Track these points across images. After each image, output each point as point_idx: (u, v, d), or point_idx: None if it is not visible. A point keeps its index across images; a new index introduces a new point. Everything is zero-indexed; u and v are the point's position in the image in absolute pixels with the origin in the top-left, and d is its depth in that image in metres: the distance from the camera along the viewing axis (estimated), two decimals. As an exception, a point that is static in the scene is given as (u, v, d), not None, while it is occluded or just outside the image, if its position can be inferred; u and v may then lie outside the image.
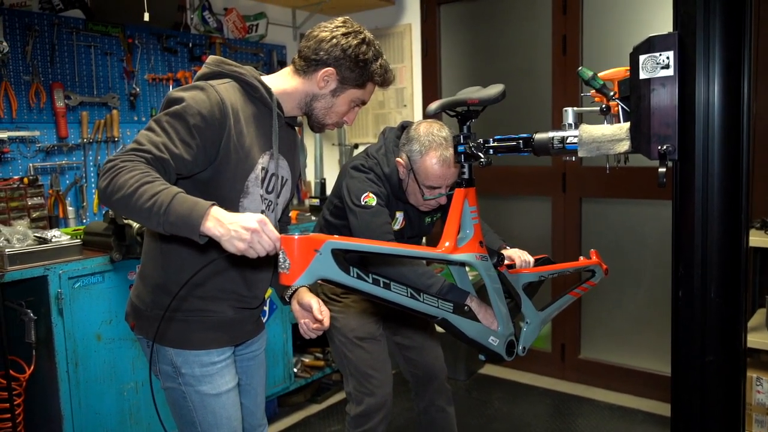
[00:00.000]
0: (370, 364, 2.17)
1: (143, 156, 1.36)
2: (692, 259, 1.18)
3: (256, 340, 1.80)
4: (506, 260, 1.80)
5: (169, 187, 1.31)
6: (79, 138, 3.04)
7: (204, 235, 1.27)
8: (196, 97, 1.45)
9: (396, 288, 1.41)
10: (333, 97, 1.63)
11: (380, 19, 4.14)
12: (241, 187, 1.55)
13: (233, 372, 1.68)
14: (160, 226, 1.29)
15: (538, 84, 3.64)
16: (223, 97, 1.48)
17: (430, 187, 2.02)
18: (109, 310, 2.51)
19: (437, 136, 2.00)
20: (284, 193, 1.73)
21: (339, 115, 1.67)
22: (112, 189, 1.32)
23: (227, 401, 1.63)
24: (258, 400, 1.84)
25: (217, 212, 1.28)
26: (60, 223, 2.95)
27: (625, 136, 1.29)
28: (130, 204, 1.30)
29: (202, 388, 1.60)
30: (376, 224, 1.95)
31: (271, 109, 1.60)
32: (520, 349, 1.75)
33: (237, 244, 1.25)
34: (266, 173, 1.61)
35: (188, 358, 1.59)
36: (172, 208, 1.27)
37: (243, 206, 1.57)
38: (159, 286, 1.59)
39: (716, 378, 1.19)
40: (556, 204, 3.66)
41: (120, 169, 1.33)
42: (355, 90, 1.63)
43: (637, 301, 3.50)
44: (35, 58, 2.87)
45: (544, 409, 3.38)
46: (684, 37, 1.15)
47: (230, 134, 1.48)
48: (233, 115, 1.49)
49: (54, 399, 2.38)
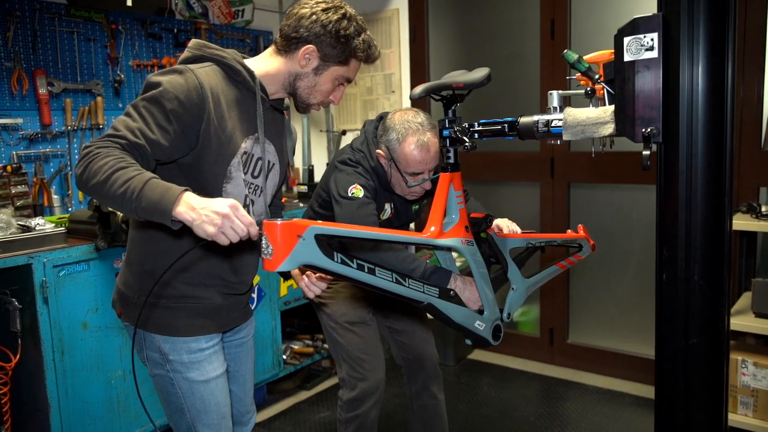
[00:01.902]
0: (362, 348, 2.18)
1: (118, 142, 1.35)
2: (676, 241, 1.18)
3: (244, 326, 1.80)
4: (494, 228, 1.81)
5: (142, 173, 1.30)
6: (63, 125, 3.00)
7: (176, 220, 1.27)
8: (173, 81, 1.44)
9: (381, 273, 1.41)
10: (316, 75, 1.59)
11: (368, 4, 4.11)
12: (224, 172, 1.53)
13: (221, 358, 1.67)
14: (133, 212, 1.29)
15: (526, 68, 3.63)
16: (202, 81, 1.46)
17: (412, 173, 2.01)
18: (95, 298, 2.49)
19: (413, 122, 1.98)
20: (272, 177, 1.71)
21: (324, 94, 1.63)
22: (87, 175, 1.31)
23: (215, 387, 1.63)
24: (246, 387, 1.84)
25: (189, 197, 1.27)
26: (45, 211, 2.92)
27: (609, 119, 1.28)
28: (104, 190, 1.29)
29: (191, 375, 1.59)
30: (360, 215, 1.94)
31: (254, 92, 1.57)
32: (505, 315, 1.75)
33: (207, 229, 1.24)
34: (251, 158, 1.59)
35: (176, 344, 1.58)
36: (144, 193, 1.27)
37: (226, 191, 1.55)
38: (145, 273, 1.58)
39: (699, 360, 1.20)
40: (544, 189, 3.66)
41: (95, 155, 1.32)
42: (338, 67, 1.59)
43: (625, 285, 3.52)
44: (17, 44, 2.82)
45: (532, 394, 3.40)
46: (668, 18, 1.15)
47: (210, 118, 1.46)
48: (213, 99, 1.47)
49: (41, 388, 2.37)
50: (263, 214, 1.69)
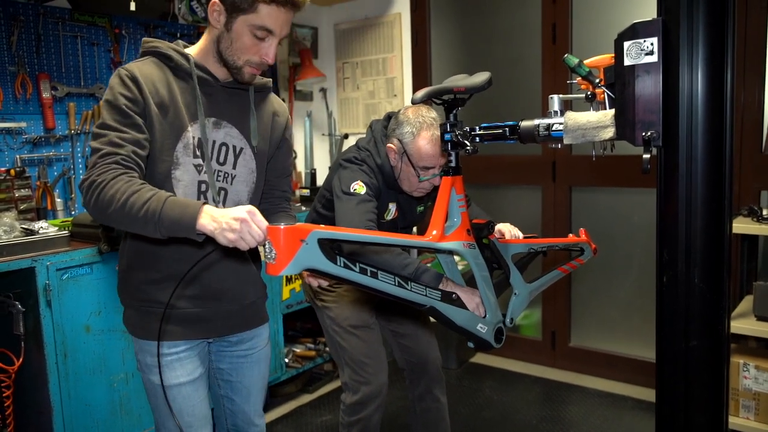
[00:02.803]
0: (365, 352, 2.18)
1: (112, 160, 1.41)
2: (676, 244, 1.19)
3: (247, 338, 1.77)
4: (496, 233, 1.82)
5: (156, 193, 1.36)
6: (67, 129, 3.01)
7: (201, 232, 1.32)
8: (112, 83, 1.50)
9: (383, 277, 1.41)
10: (229, 32, 1.52)
11: (370, 8, 4.12)
12: (170, 158, 1.54)
13: (189, 367, 1.65)
14: (156, 232, 1.35)
15: (528, 72, 3.64)
16: (134, 72, 1.50)
17: (424, 167, 2.03)
18: (98, 301, 2.50)
19: (427, 117, 2.03)
20: (244, 162, 1.67)
21: (246, 51, 1.54)
22: (101, 205, 1.37)
23: (178, 395, 1.63)
24: (251, 400, 1.81)
25: (209, 209, 1.33)
26: (48, 214, 2.93)
27: (610, 122, 1.29)
28: (123, 216, 1.35)
29: (153, 378, 1.64)
30: (359, 212, 1.95)
31: (191, 74, 1.57)
32: (507, 321, 1.76)
33: (228, 236, 1.28)
34: (212, 144, 1.60)
35: (142, 346, 1.65)
36: (164, 213, 1.32)
37: (175, 177, 1.55)
38: (123, 274, 1.68)
39: (700, 363, 1.20)
40: (546, 193, 3.66)
41: (100, 184, 1.37)
42: (246, 16, 1.49)
43: (626, 288, 3.52)
44: (21, 48, 2.84)
45: (534, 397, 3.40)
46: (668, 22, 1.15)
47: (149, 105, 1.50)
48: (148, 87, 1.50)
49: (43, 391, 2.37)
50: (243, 203, 1.67)
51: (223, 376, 1.79)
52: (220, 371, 1.79)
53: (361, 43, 4.21)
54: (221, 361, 1.78)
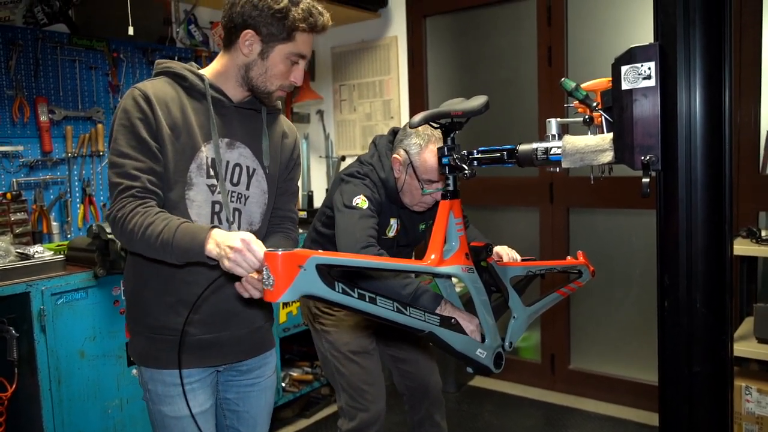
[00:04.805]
0: (364, 378, 2.15)
1: (130, 194, 1.44)
2: (677, 269, 1.18)
3: (255, 366, 1.75)
4: (494, 256, 1.81)
5: (168, 222, 1.39)
6: (64, 152, 3.01)
7: (211, 258, 1.35)
8: (127, 105, 1.49)
9: (382, 302, 1.39)
10: (263, 60, 1.53)
11: (366, 31, 4.15)
12: (184, 179, 1.53)
13: (201, 398, 1.63)
14: (173, 259, 1.40)
15: (524, 95, 3.66)
16: (147, 92, 1.49)
17: (428, 180, 2.03)
18: (93, 326, 2.47)
19: (435, 132, 2.04)
20: (257, 183, 1.66)
21: (280, 77, 1.56)
22: (126, 239, 1.44)
23: (187, 426, 1.59)
24: (257, 430, 1.79)
25: (215, 234, 1.35)
26: (44, 238, 2.91)
27: (608, 146, 1.29)
28: (146, 248, 1.42)
29: (164, 409, 1.60)
30: (360, 227, 1.93)
31: (206, 95, 1.56)
32: (507, 345, 1.74)
33: (224, 263, 1.31)
34: (226, 164, 1.58)
35: (154, 375, 1.60)
36: (176, 242, 1.36)
37: (189, 198, 1.54)
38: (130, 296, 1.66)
39: (703, 388, 1.19)
40: (543, 214, 3.66)
41: (120, 220, 1.43)
42: (284, 45, 1.52)
43: (626, 310, 3.50)
44: (19, 72, 2.84)
45: (534, 421, 3.36)
46: (665, 47, 1.15)
47: (161, 125, 1.49)
48: (161, 107, 1.49)
49: (37, 417, 2.34)
50: (256, 224, 1.67)
51: (230, 406, 1.76)
52: (227, 401, 1.76)
53: (358, 65, 4.23)
54: (228, 391, 1.75)
